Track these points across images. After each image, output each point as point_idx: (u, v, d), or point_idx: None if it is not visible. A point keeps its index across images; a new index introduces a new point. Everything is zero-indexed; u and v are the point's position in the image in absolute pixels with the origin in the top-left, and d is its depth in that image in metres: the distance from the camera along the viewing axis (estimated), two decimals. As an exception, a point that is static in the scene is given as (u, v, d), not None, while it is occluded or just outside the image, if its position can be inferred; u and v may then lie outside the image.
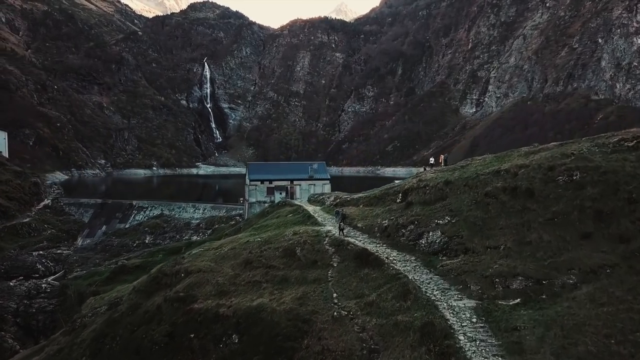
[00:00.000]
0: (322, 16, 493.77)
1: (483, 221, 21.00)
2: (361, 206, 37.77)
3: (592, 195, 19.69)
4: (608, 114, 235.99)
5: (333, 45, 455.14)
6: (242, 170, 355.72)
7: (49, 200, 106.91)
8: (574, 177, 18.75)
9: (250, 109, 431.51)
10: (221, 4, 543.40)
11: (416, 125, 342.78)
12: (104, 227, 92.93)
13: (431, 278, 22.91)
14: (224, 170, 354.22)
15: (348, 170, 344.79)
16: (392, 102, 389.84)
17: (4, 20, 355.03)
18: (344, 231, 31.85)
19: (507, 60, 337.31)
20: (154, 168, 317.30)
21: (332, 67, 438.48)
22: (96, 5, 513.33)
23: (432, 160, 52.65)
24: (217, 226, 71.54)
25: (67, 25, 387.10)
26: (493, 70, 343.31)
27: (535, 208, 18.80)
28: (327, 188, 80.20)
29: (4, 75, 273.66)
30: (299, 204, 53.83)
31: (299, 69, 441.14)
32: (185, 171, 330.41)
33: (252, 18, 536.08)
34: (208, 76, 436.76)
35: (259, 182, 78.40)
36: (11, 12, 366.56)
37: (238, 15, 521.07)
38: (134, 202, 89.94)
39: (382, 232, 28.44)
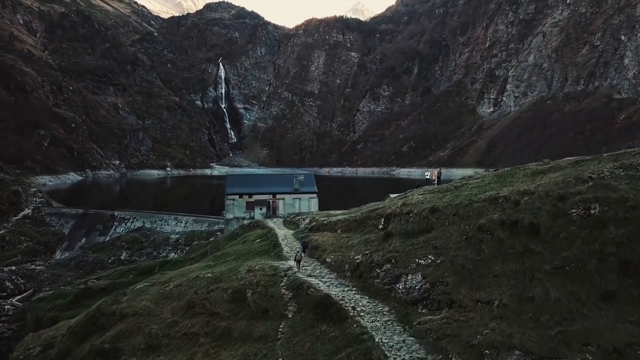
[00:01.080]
0: (338, 15, 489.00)
1: (474, 264, 16.50)
2: (339, 231, 32.80)
3: (616, 238, 14.70)
4: (631, 113, 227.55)
5: (348, 45, 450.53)
6: (257, 170, 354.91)
7: (29, 210, 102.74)
8: (592, 212, 13.89)
9: (265, 109, 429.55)
10: (236, 4, 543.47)
11: (432, 125, 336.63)
12: (83, 240, 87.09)
13: (404, 341, 18.04)
14: (237, 171, 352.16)
15: (362, 171, 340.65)
16: (407, 102, 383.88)
17: (21, 22, 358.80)
18: (307, 268, 27.15)
19: (526, 59, 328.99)
20: (168, 169, 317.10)
21: (347, 67, 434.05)
22: (113, 7, 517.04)
23: (427, 174, 46.08)
24: (196, 243, 66.67)
25: (83, 26, 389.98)
26: (511, 69, 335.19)
27: (540, 250, 14.00)
28: (314, 203, 72.80)
29: (20, 77, 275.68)
30: (271, 226, 48.67)
31: (313, 68, 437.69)
32: (199, 172, 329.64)
33: (267, 18, 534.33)
34: (223, 76, 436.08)
35: (238, 196, 71.26)
36: (29, 14, 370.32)
37: (253, 15, 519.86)
38: (116, 213, 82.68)
39: (354, 271, 23.29)
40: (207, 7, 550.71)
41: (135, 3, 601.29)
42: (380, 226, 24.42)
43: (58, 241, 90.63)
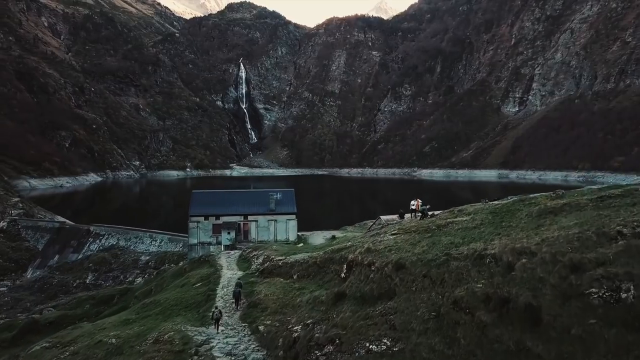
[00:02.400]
0: (359, 14, 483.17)
1: (443, 362, 11.19)
2: (295, 277, 27.20)
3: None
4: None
5: (370, 44, 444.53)
6: (276, 172, 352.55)
7: (4, 223, 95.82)
8: (623, 296, 8.40)
9: (285, 110, 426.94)
10: (258, 4, 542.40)
11: (455, 125, 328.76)
12: (56, 257, 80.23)
13: None
14: (257, 172, 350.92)
15: (383, 172, 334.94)
16: (430, 101, 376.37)
17: (46, 24, 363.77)
18: (231, 339, 20.63)
19: (553, 56, 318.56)
20: (188, 169, 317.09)
21: (369, 66, 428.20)
22: (136, 8, 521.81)
23: (413, 204, 37.37)
24: (165, 266, 59.88)
25: (106, 28, 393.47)
26: (538, 67, 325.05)
27: (541, 352, 8.51)
28: (293, 225, 62.27)
29: (43, 79, 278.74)
30: (221, 263, 41.32)
31: (334, 68, 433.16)
32: (218, 172, 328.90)
33: (288, 17, 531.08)
34: (243, 77, 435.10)
35: (203, 218, 60.62)
36: (54, 16, 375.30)
37: (274, 15, 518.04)
38: (91, 228, 73.53)
39: (288, 350, 16.14)
40: (229, 7, 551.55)
41: (159, 4, 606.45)
42: (342, 274, 19.52)
43: (30, 258, 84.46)
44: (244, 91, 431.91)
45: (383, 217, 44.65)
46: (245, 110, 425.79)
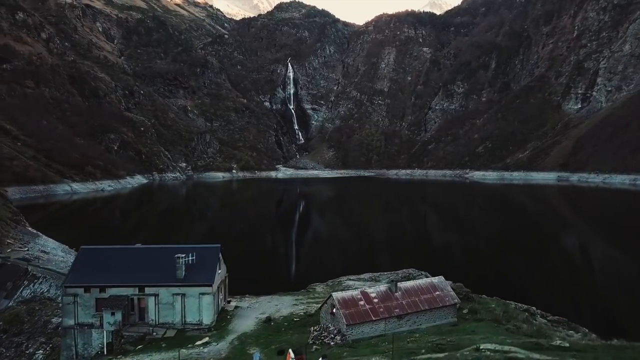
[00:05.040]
0: (410, 10, 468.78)
1: None
2: None
3: None
4: None
5: (420, 40, 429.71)
6: (321, 173, 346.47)
7: None
8: None
9: (333, 109, 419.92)
10: (307, 3, 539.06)
11: (511, 124, 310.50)
12: None
13: None
14: (302, 173, 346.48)
15: (433, 173, 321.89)
16: (484, 99, 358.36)
17: (100, 29, 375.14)
18: None
19: (621, 48, 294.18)
20: (234, 171, 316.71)
21: (419, 63, 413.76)
22: (188, 11, 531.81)
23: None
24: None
25: (158, 31, 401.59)
26: (603, 60, 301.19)
27: None
28: (208, 303, 43.17)
29: (94, 83, 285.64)
30: None
31: (383, 65, 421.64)
32: (264, 174, 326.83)
33: (338, 16, 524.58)
34: (291, 77, 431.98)
35: (83, 289, 42.61)
36: (108, 21, 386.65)
37: (323, 14, 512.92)
38: (30, 268, 57.12)
39: None
40: (278, 7, 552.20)
41: (210, 7, 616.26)
42: None
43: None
44: (291, 91, 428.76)
45: (335, 296, 36.66)
46: (292, 111, 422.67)
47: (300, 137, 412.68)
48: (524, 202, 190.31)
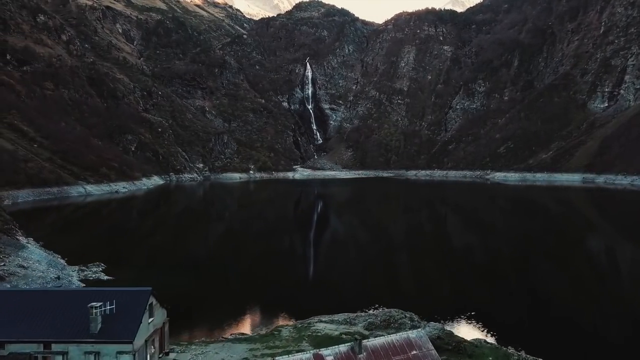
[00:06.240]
0: (431, 8, 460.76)
1: None
2: None
3: None
4: None
5: (441, 38, 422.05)
6: (339, 174, 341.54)
7: None
8: None
9: (351, 109, 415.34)
10: (327, 2, 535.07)
11: (534, 124, 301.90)
12: None
13: None
14: (319, 174, 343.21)
15: (454, 174, 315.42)
16: (506, 98, 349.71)
17: (120, 31, 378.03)
18: None
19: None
20: (251, 172, 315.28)
21: (440, 62, 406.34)
22: (208, 12, 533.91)
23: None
24: None
25: (177, 32, 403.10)
26: (631, 57, 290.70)
27: None
28: None
29: (113, 84, 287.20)
30: None
31: (403, 64, 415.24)
32: (281, 175, 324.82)
33: (357, 14, 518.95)
34: (310, 77, 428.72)
35: None
36: (128, 23, 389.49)
37: (343, 13, 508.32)
38: None
39: None
40: (297, 6, 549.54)
41: (230, 7, 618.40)
42: None
43: None
44: (310, 91, 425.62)
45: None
46: (310, 111, 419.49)
47: (319, 138, 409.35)
48: (548, 206, 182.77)
